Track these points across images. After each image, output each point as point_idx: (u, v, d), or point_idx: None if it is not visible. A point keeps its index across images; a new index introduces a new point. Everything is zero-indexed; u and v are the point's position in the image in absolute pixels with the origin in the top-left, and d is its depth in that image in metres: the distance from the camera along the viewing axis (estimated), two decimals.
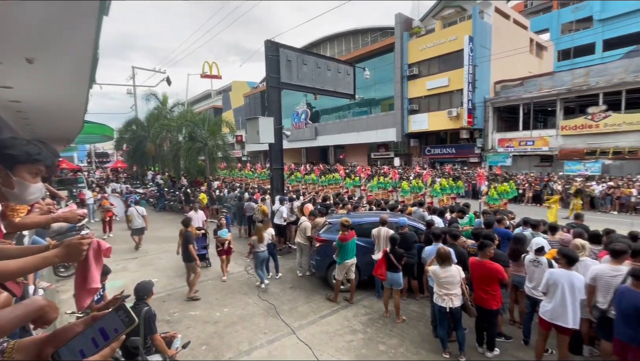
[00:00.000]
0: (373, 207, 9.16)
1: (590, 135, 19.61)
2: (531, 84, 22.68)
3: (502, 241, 5.51)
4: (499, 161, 23.29)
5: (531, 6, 36.12)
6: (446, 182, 15.66)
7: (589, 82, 19.84)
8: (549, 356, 4.16)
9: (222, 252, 7.13)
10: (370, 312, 5.60)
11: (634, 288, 3.43)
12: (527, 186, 17.32)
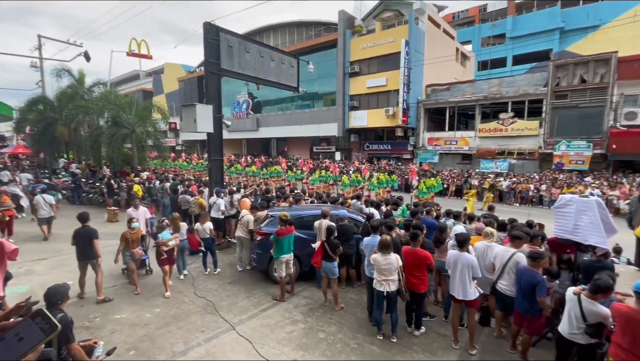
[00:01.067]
0: (315, 200, 9.33)
1: (500, 137, 22.62)
2: (456, 89, 25.23)
3: (429, 230, 6.09)
4: (428, 158, 25.54)
5: (458, 18, 39.97)
6: (382, 176, 16.66)
7: (501, 91, 22.81)
8: (463, 330, 4.75)
9: (165, 261, 5.84)
10: (311, 302, 5.74)
11: (531, 268, 4.10)
12: (451, 181, 19.34)
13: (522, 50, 32.43)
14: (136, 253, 5.96)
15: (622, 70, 18.23)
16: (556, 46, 30.95)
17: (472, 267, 4.20)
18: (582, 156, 19.27)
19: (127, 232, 5.91)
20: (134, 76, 52.11)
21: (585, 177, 17.72)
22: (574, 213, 4.29)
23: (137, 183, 12.41)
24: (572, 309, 3.45)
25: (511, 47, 33.61)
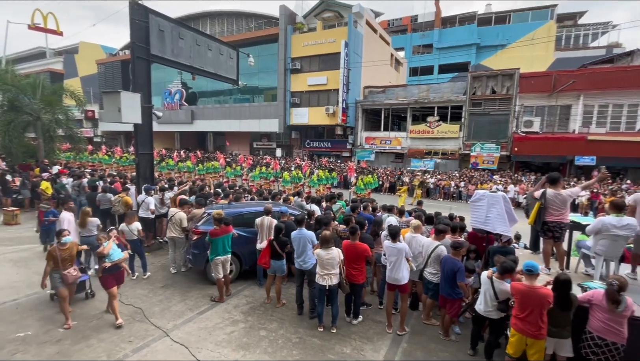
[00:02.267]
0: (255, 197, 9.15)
1: (428, 139, 24.85)
2: (390, 93, 26.93)
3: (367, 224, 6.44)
4: (365, 156, 26.84)
5: (392, 26, 42.59)
6: (323, 173, 17.04)
7: (429, 96, 25.02)
8: (396, 315, 5.16)
9: (111, 281, 4.68)
10: (252, 301, 5.64)
11: (453, 256, 4.62)
12: (385, 178, 20.66)
13: (446, 61, 36.04)
14: (69, 276, 4.59)
15: (523, 85, 21.45)
16: (473, 59, 35.04)
17: (405, 253, 4.63)
18: (492, 157, 22.22)
19: (56, 247, 4.59)
20: (38, 54, 44.45)
21: (494, 175, 20.49)
22: (486, 207, 4.97)
23: (46, 179, 10.68)
24: (487, 290, 4.01)
25: (437, 57, 37.07)
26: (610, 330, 3.31)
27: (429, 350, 4.47)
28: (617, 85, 19.31)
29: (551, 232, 4.55)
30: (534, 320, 3.42)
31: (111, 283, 4.70)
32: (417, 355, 4.34)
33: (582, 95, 20.17)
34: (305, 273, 5.17)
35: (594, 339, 3.40)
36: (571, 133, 20.50)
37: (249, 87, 30.11)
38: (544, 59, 30.84)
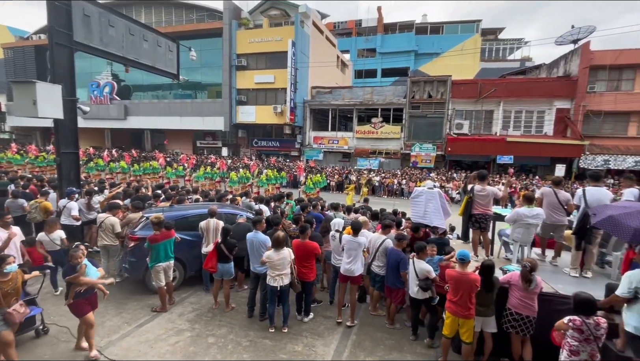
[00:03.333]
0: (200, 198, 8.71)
1: (373, 139, 26.04)
2: (337, 93, 27.64)
3: (316, 223, 6.55)
4: (313, 155, 27.18)
5: (338, 28, 43.69)
6: (272, 173, 16.85)
7: (373, 98, 26.22)
8: (346, 310, 5.35)
9: (85, 306, 3.94)
10: (199, 308, 5.38)
11: (397, 247, 4.93)
12: (333, 177, 21.16)
13: (389, 65, 38.11)
14: (14, 314, 3.54)
15: (455, 90, 23.63)
16: (412, 65, 37.60)
17: (364, 246, 4.91)
18: (430, 156, 24.12)
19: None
20: None
21: (431, 173, 22.26)
22: (424, 202, 5.41)
23: None
24: (411, 273, 4.45)
25: (380, 61, 39.00)
26: (525, 306, 3.84)
27: (376, 339, 4.72)
28: (528, 94, 22.31)
29: (478, 222, 5.12)
30: (464, 303, 3.83)
31: (86, 308, 3.94)
32: (365, 345, 4.56)
33: (502, 101, 22.90)
34: (261, 276, 5.05)
35: (513, 315, 3.91)
36: (494, 135, 23.15)
37: (191, 83, 28.48)
38: (471, 68, 34.31)
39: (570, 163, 21.30)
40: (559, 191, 4.94)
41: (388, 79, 37.14)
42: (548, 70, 25.33)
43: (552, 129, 22.29)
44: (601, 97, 20.93)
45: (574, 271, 4.74)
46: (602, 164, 20.49)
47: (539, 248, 5.49)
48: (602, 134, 21.32)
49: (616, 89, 21.01)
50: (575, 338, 3.13)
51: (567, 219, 5.04)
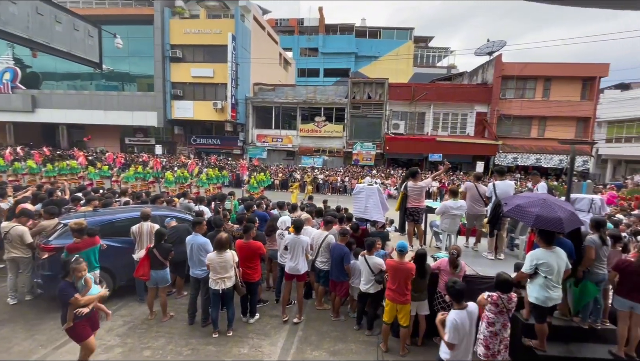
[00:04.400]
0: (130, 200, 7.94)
1: (316, 137, 26.43)
2: (280, 91, 27.44)
3: (261, 221, 6.46)
4: (257, 154, 26.62)
5: (280, 25, 43.31)
6: (212, 172, 16.09)
7: (316, 97, 26.60)
8: (292, 307, 5.38)
9: (86, 329, 3.46)
10: (131, 320, 4.93)
11: (340, 242, 5.10)
12: (277, 175, 21.01)
13: (331, 65, 38.99)
14: None
15: (391, 93, 25.17)
16: (353, 67, 39.00)
17: (307, 244, 4.96)
18: (370, 155, 25.35)
19: None
20: None
21: (372, 171, 23.43)
22: (364, 198, 5.68)
23: None
24: (364, 269, 4.62)
25: (322, 61, 39.70)
26: None
27: (322, 332, 4.84)
28: (453, 99, 24.77)
29: (412, 215, 5.55)
30: (402, 290, 4.14)
31: (87, 331, 3.46)
32: (312, 340, 4.64)
33: (432, 104, 25.06)
34: (201, 280, 4.80)
35: (442, 297, 4.34)
36: (425, 135, 25.23)
37: (118, 73, 25.76)
38: (406, 72, 36.83)
39: (488, 160, 24.20)
40: (479, 185, 5.60)
41: (330, 79, 38.00)
42: (469, 77, 28.39)
43: (473, 130, 25.11)
44: (511, 103, 24.18)
45: (490, 255, 5.44)
46: (512, 161, 23.71)
47: (464, 236, 6.17)
48: (512, 135, 24.66)
49: (522, 96, 24.47)
50: (492, 311, 3.59)
51: (485, 209, 5.74)
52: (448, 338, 3.06)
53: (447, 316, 3.16)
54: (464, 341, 3.13)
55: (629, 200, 13.32)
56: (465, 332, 3.10)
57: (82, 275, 3.40)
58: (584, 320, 4.22)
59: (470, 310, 3.20)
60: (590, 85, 23.73)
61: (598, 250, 4.02)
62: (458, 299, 3.18)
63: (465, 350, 3.16)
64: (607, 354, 3.95)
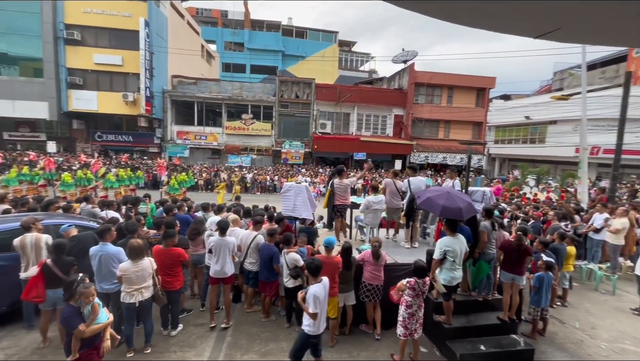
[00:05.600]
0: (12, 208, 6.53)
1: (244, 135, 25.62)
2: (203, 85, 25.78)
3: (182, 226, 5.99)
4: (178, 152, 24.58)
5: (201, 15, 40.67)
6: (124, 172, 14.32)
7: (242, 94, 25.74)
8: (220, 312, 5.13)
9: (93, 359, 3.08)
10: (17, 351, 4.08)
11: (269, 242, 5.03)
12: (201, 175, 19.74)
13: (257, 62, 38.15)
14: None
15: (318, 93, 25.83)
16: (280, 65, 38.82)
17: (233, 246, 4.81)
18: (299, 153, 25.63)
19: None
20: None
21: (301, 169, 23.72)
22: (293, 196, 5.73)
23: None
24: (283, 263, 4.72)
25: (249, 57, 38.59)
26: (375, 277, 4.62)
27: (252, 334, 4.72)
28: (375, 101, 26.64)
29: (339, 212, 5.80)
30: (330, 283, 4.29)
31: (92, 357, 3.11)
32: (241, 344, 4.49)
33: (356, 106, 26.51)
34: (111, 295, 4.21)
35: (367, 286, 4.64)
36: (351, 135, 26.59)
37: None
38: (331, 74, 38.20)
39: (405, 158, 26.67)
40: (397, 181, 6.13)
41: (257, 76, 37.19)
42: (388, 82, 30.84)
43: (392, 131, 27.39)
44: (422, 108, 27.06)
45: (407, 244, 6.01)
46: (424, 159, 26.59)
47: (385, 228, 6.69)
48: (424, 136, 27.63)
49: (431, 102, 27.59)
50: (410, 295, 3.99)
51: (402, 203, 6.31)
52: (312, 309, 3.42)
53: (306, 293, 3.53)
54: (322, 310, 3.55)
55: (511, 191, 16.16)
56: (322, 302, 3.52)
57: (90, 301, 3.06)
58: (479, 294, 4.97)
59: (324, 282, 3.66)
60: (483, 95, 28.03)
61: (489, 234, 4.78)
62: (315, 274, 3.60)
63: (321, 319, 3.56)
64: (496, 320, 4.73)
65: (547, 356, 4.56)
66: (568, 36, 2.10)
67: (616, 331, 5.31)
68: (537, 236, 6.20)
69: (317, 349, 3.71)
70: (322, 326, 3.62)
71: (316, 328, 3.54)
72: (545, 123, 25.97)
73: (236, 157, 25.39)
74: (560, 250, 5.79)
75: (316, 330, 3.55)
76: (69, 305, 3.08)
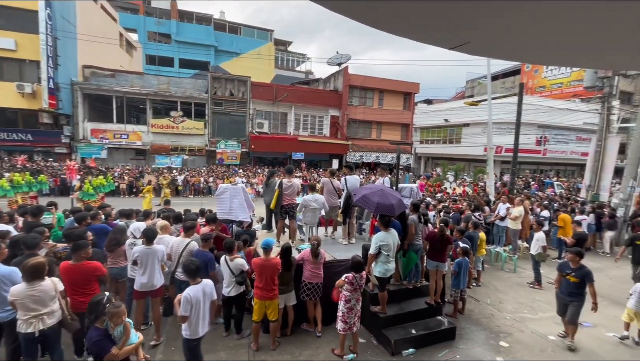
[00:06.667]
0: None
1: (173, 134, 23.72)
2: (123, 78, 23.14)
3: (99, 236, 5.29)
4: (93, 153, 21.67)
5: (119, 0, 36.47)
6: (20, 177, 12.10)
7: (170, 90, 23.80)
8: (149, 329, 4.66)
9: None
10: None
11: (203, 248, 4.73)
12: (123, 178, 17.74)
13: (187, 56, 35.61)
14: None
15: (254, 92, 25.20)
16: (213, 60, 36.86)
17: (163, 255, 4.41)
18: (235, 153, 24.68)
19: None
20: None
21: (238, 170, 22.89)
22: (229, 199, 5.48)
23: None
24: (226, 271, 4.48)
25: (177, 49, 35.81)
26: (315, 275, 4.67)
27: None
28: (311, 102, 27.02)
29: (287, 212, 5.75)
30: (269, 286, 4.22)
31: None
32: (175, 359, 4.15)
33: (293, 106, 26.55)
34: (4, 325, 3.49)
35: (307, 285, 4.67)
36: (289, 134, 26.55)
37: None
38: (268, 73, 37.62)
39: (341, 158, 27.60)
40: (334, 180, 6.30)
41: (188, 71, 34.74)
42: (324, 83, 31.56)
43: (329, 131, 28.12)
44: (356, 109, 28.31)
45: (344, 240, 6.22)
46: (359, 159, 27.87)
47: (324, 226, 6.83)
48: (358, 136, 28.94)
49: (364, 104, 29.02)
50: (348, 290, 4.13)
51: (339, 201, 6.51)
52: (180, 312, 3.30)
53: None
54: (198, 313, 3.41)
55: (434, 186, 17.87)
56: (198, 304, 3.39)
57: (121, 321, 2.88)
58: (409, 282, 5.39)
59: (204, 283, 3.54)
60: (409, 99, 30.46)
61: (416, 226, 5.20)
62: (193, 276, 3.49)
63: (198, 322, 3.43)
64: (424, 304, 5.18)
65: (466, 332, 5.15)
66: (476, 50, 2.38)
67: (517, 303, 6.26)
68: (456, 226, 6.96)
69: None
70: (200, 330, 3.47)
71: (192, 331, 3.41)
72: (460, 125, 29.38)
73: (165, 157, 23.39)
74: (474, 237, 6.60)
75: (193, 334, 3.42)
76: (94, 327, 2.85)
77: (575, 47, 2.16)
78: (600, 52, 2.24)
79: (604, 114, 12.26)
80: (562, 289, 4.89)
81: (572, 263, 4.78)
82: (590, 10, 1.49)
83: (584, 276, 4.64)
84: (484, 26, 1.84)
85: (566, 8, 1.47)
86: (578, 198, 13.07)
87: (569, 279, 4.77)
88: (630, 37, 1.81)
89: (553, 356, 4.66)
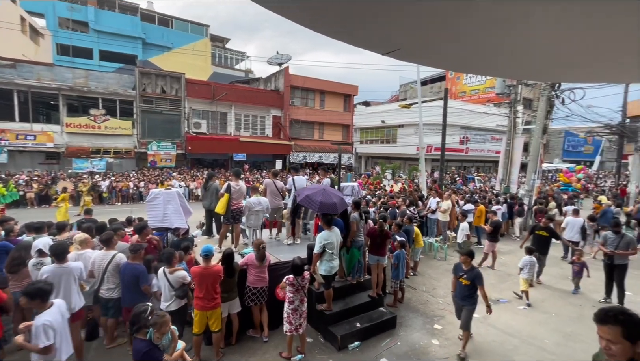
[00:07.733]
0: None
1: (94, 135, 21.11)
2: (27, 70, 19.86)
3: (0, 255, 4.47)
4: None
5: None
6: None
7: (89, 85, 21.13)
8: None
9: None
10: None
11: (133, 261, 4.29)
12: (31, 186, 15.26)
13: (110, 48, 31.96)
14: None
15: (190, 89, 23.67)
16: (140, 54, 33.67)
17: (80, 273, 3.86)
18: (170, 155, 22.90)
19: None
20: None
21: (173, 173, 21.28)
22: (162, 204, 5.06)
23: None
24: (164, 284, 4.10)
25: (97, 40, 31.94)
26: (259, 279, 4.56)
27: None
28: (252, 101, 26.38)
29: (234, 217, 5.49)
30: (210, 295, 3.99)
31: None
32: None
33: (233, 105, 25.62)
34: None
35: (252, 290, 4.53)
36: (229, 135, 25.55)
37: None
38: (204, 70, 35.70)
39: (285, 158, 27.46)
40: (277, 181, 6.22)
41: (110, 64, 31.21)
42: (265, 83, 31.06)
43: (271, 132, 27.76)
44: (298, 110, 28.43)
45: (289, 240, 6.19)
46: (302, 159, 28.03)
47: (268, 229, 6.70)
48: (301, 137, 29.10)
49: (306, 105, 29.28)
50: (290, 291, 4.11)
51: (283, 202, 6.46)
52: (44, 343, 2.72)
53: (34, 324, 2.80)
54: (62, 337, 2.97)
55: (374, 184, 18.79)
56: (60, 328, 2.96)
57: (168, 329, 2.83)
58: (353, 278, 5.58)
59: (58, 304, 3.06)
60: (349, 101, 31.57)
61: (358, 224, 5.40)
62: (44, 299, 2.92)
63: (61, 348, 2.95)
64: (367, 298, 5.40)
65: (405, 319, 5.51)
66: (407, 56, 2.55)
67: (448, 288, 6.87)
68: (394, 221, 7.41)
69: None
70: (64, 354, 2.98)
71: (57, 356, 2.89)
72: (395, 126, 31.41)
73: (85, 161, 20.67)
74: (410, 230, 7.10)
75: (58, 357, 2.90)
76: (139, 339, 2.74)
77: (487, 57, 2.45)
78: (508, 62, 2.57)
79: (511, 117, 14.20)
80: (456, 293, 4.64)
81: (464, 264, 4.48)
82: (500, 28, 1.70)
83: (474, 278, 4.35)
84: (411, 34, 1.98)
85: (480, 24, 1.66)
86: (494, 190, 14.94)
87: (462, 282, 4.49)
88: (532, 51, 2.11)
89: (476, 332, 5.22)
